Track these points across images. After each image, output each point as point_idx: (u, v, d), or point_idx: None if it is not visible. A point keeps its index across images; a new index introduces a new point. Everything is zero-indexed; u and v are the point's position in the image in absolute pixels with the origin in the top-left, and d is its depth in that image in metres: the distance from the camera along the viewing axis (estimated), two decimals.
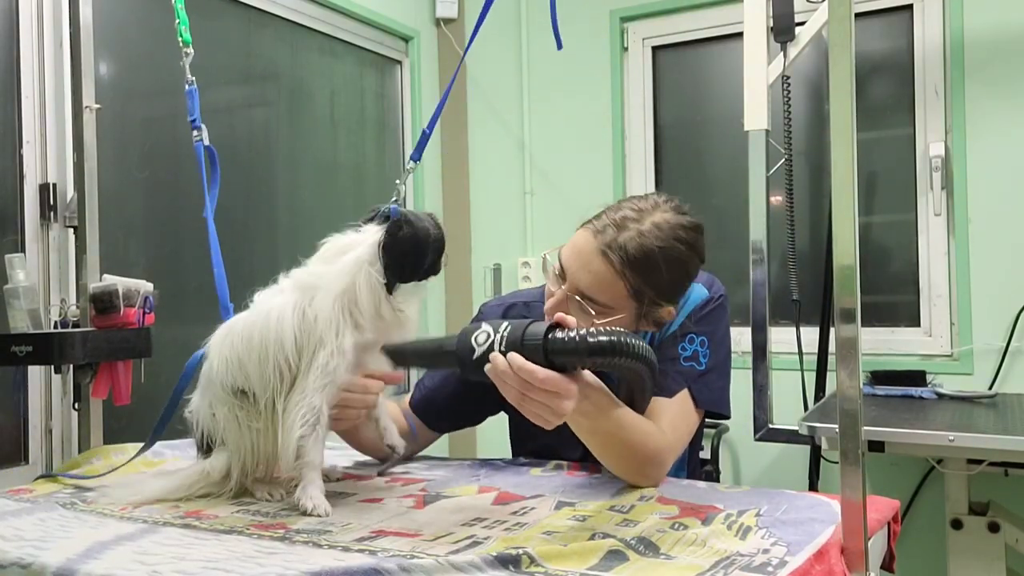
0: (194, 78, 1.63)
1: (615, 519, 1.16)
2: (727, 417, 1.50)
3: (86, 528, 1.14)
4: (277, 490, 1.30)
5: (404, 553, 1.01)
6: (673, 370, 1.42)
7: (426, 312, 2.95)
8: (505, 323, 1.11)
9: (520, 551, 0.96)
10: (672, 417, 1.38)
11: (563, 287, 1.35)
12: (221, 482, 1.30)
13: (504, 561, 0.95)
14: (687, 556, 1.00)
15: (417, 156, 1.40)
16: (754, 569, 0.96)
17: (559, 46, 1.42)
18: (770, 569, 0.95)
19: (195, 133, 1.59)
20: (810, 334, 2.58)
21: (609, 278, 1.31)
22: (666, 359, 1.41)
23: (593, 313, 1.32)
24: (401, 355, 1.25)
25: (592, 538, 1.05)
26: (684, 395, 1.41)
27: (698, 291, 1.48)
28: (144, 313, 1.67)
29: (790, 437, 2.34)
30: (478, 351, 1.10)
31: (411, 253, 1.26)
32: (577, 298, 1.33)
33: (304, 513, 1.20)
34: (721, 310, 1.50)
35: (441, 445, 1.72)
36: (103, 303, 1.64)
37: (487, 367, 1.09)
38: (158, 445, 1.60)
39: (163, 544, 1.07)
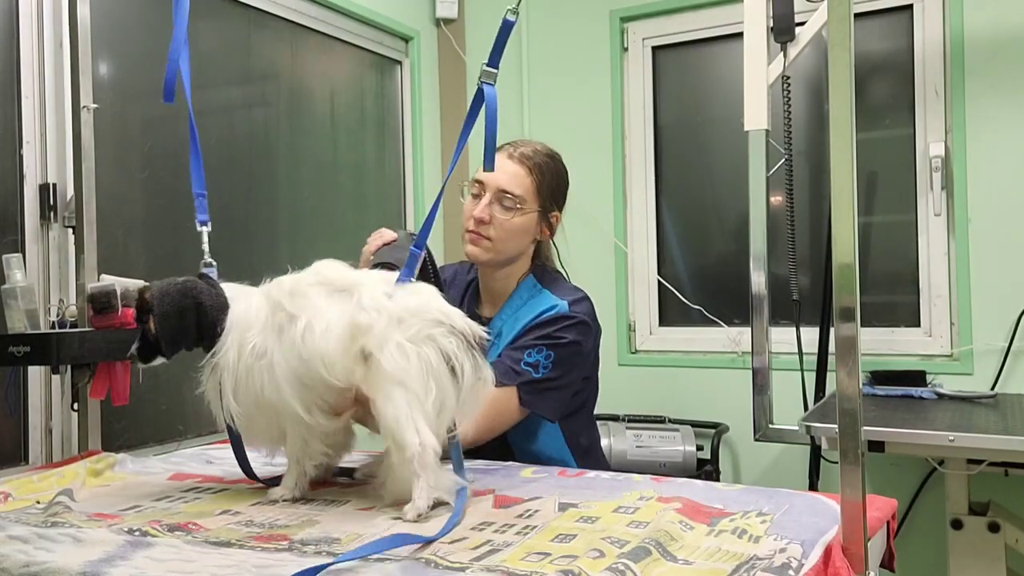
0: None
1: (623, 520, 1.16)
2: (552, 420, 1.67)
3: (68, 545, 1.08)
4: None
5: (427, 558, 1.00)
6: (509, 365, 1.60)
7: None
8: None
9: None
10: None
11: (486, 195, 1.68)
12: None
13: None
14: (705, 561, 1.00)
15: (420, 245, 1.35)
16: (775, 570, 0.95)
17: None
18: (791, 572, 0.95)
19: None
20: (810, 334, 2.58)
21: (522, 173, 1.69)
22: (511, 356, 1.62)
23: (513, 208, 1.67)
24: None
25: (615, 550, 1.04)
26: (508, 391, 1.58)
27: (559, 306, 1.67)
28: None
29: (790, 437, 2.34)
30: None
31: None
32: (499, 194, 1.67)
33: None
34: (574, 331, 1.65)
35: None
36: (101, 303, 1.63)
37: None
38: (127, 459, 1.61)
39: (159, 560, 1.02)
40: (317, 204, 2.72)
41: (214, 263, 1.43)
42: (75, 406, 1.73)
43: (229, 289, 1.34)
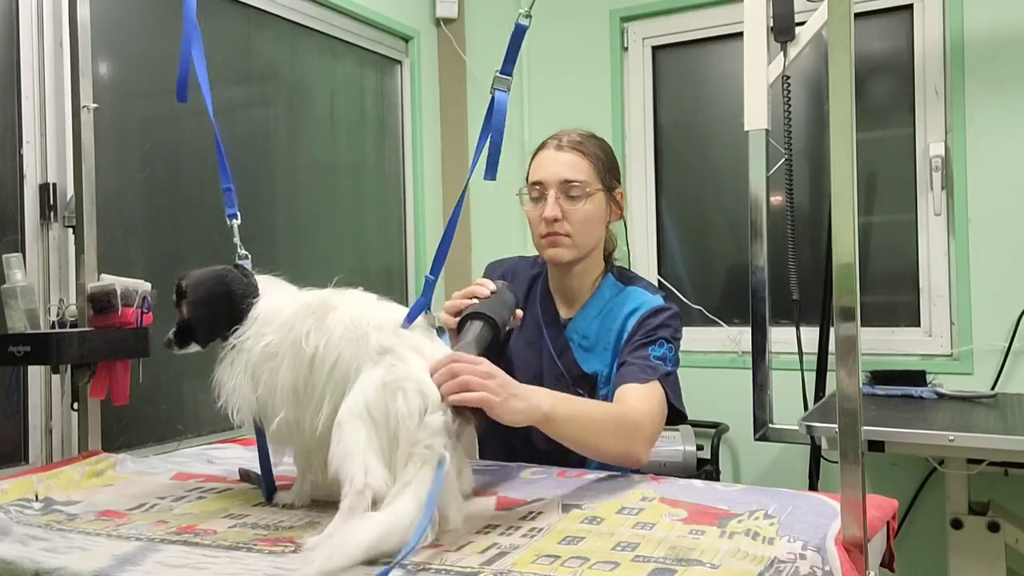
0: None
1: (628, 522, 1.15)
2: (685, 418, 1.60)
3: (75, 551, 1.08)
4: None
5: (437, 567, 0.99)
6: (644, 363, 1.54)
7: None
8: None
9: None
10: (642, 396, 1.50)
11: (549, 192, 1.62)
12: None
13: None
14: (731, 559, 0.99)
15: (436, 272, 1.29)
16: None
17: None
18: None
19: None
20: (810, 334, 2.58)
21: (577, 159, 1.64)
22: (636, 358, 1.56)
23: (582, 194, 1.61)
24: None
25: (628, 555, 1.03)
26: (655, 384, 1.52)
27: (655, 299, 1.66)
28: (142, 313, 1.67)
29: (790, 437, 2.34)
30: None
31: None
32: (563, 186, 1.62)
33: None
34: (678, 321, 1.65)
35: None
36: (101, 303, 1.64)
37: None
38: (128, 459, 1.60)
39: (170, 565, 1.02)
40: (317, 204, 2.73)
41: (248, 255, 1.41)
42: (75, 406, 1.73)
43: (263, 282, 1.32)
